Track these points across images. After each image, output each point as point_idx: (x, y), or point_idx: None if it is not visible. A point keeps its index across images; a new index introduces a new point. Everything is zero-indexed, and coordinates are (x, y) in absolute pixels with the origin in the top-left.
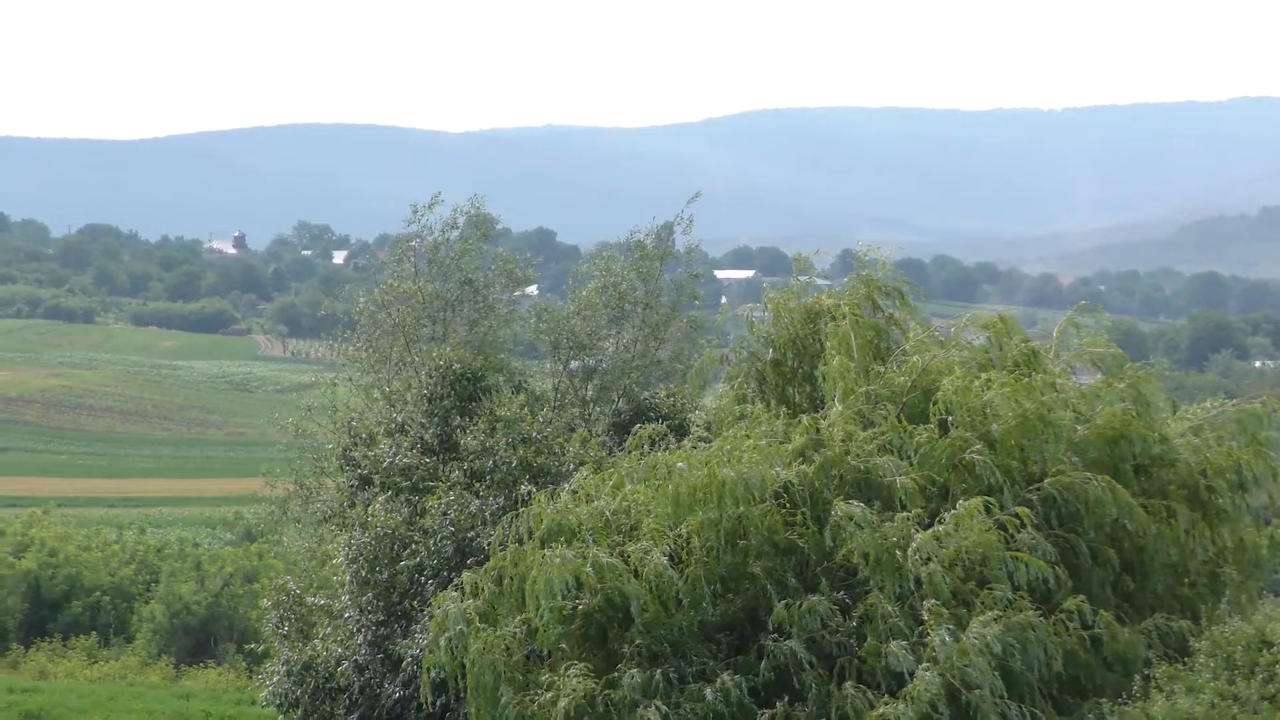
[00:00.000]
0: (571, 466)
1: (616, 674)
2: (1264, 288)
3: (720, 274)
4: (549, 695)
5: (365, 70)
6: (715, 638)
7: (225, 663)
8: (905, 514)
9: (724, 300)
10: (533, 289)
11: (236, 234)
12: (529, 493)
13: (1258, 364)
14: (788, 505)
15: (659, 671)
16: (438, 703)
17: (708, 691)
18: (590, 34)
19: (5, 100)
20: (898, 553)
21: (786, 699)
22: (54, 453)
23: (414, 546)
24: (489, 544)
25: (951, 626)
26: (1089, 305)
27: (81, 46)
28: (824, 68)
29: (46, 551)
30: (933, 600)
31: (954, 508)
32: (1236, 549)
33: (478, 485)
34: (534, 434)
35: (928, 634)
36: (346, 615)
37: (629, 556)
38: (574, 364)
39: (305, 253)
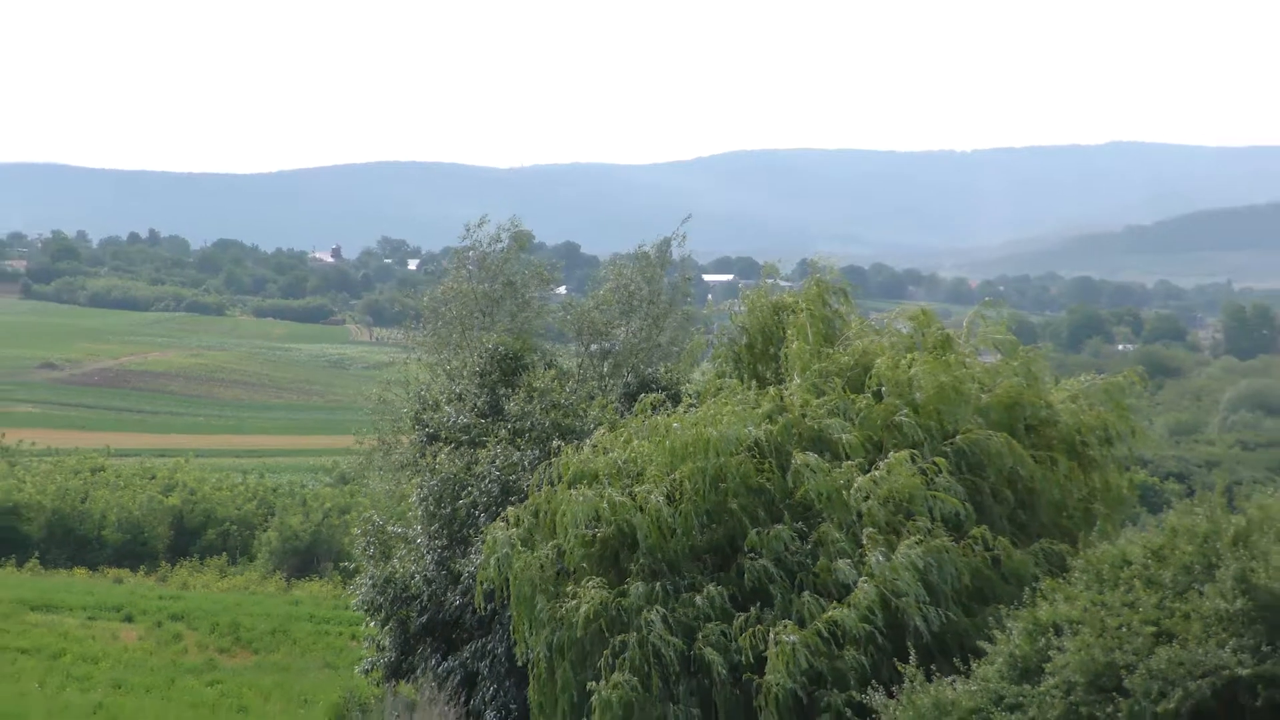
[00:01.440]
0: (591, 426)
1: (625, 586)
2: (1126, 289)
3: (707, 277)
4: (573, 602)
5: (433, 119)
6: (702, 558)
7: (325, 577)
8: (849, 462)
9: (709, 298)
10: (560, 289)
11: (334, 247)
12: (558, 446)
13: (1120, 347)
14: (758, 456)
15: (658, 584)
16: (488, 608)
17: (698, 599)
18: (607, 93)
19: (156, 141)
20: (843, 492)
21: (759, 604)
22: (192, 415)
23: (470, 488)
24: (528, 486)
25: (885, 549)
26: (991, 302)
27: (216, 99)
28: (789, 117)
29: (187, 491)
30: (870, 529)
31: (886, 458)
32: (1104, 489)
33: (519, 441)
34: (562, 401)
35: (866, 555)
36: (418, 541)
37: (636, 496)
38: (593, 347)
39: (386, 261)
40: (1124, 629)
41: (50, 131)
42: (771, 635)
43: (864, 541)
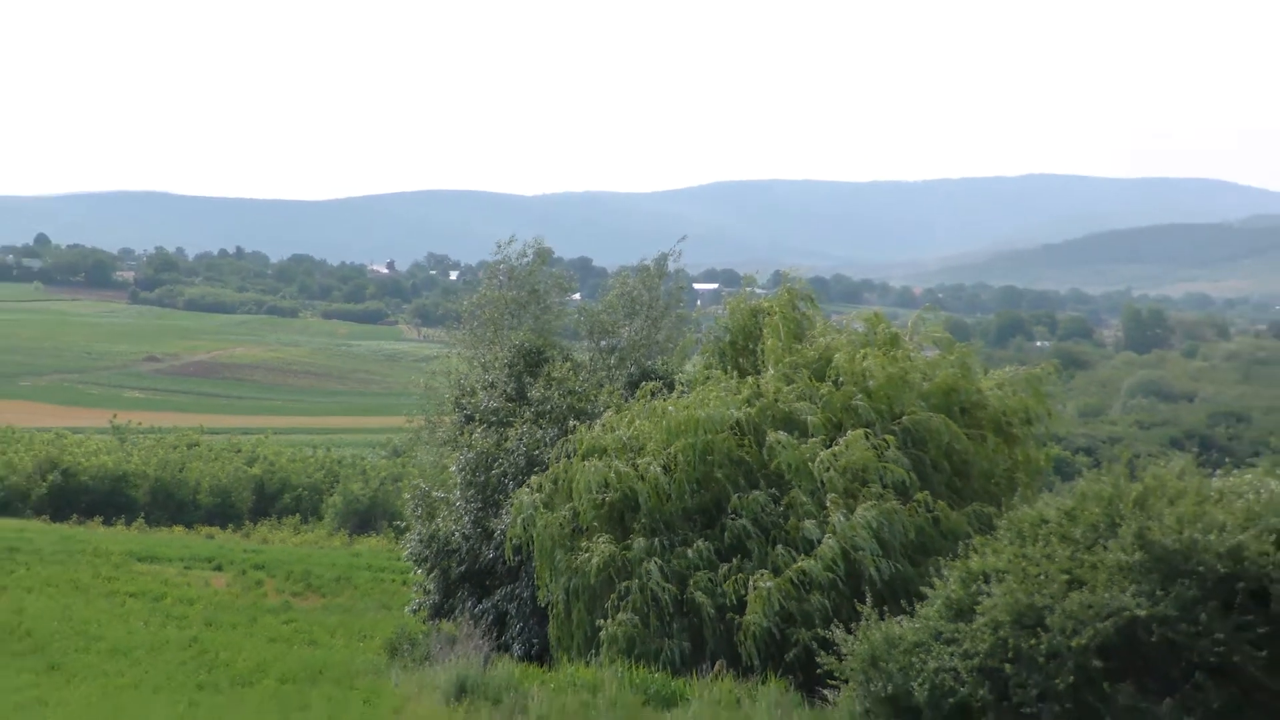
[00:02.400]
0: (601, 409)
1: (629, 541)
2: (1044, 296)
3: (696, 286)
4: (586, 555)
5: (471, 153)
6: (693, 518)
7: (380, 534)
8: (814, 439)
9: (698, 303)
10: (575, 296)
11: (388, 261)
12: (574, 426)
13: (1039, 344)
14: (739, 434)
15: (656, 540)
16: (516, 559)
17: (689, 552)
18: (615, 134)
19: (242, 172)
20: (809, 464)
21: (739, 556)
22: (270, 400)
23: (500, 460)
24: (548, 458)
25: (844, 511)
26: (931, 306)
27: (292, 136)
28: (764, 153)
29: (267, 463)
30: (832, 494)
31: (844, 435)
32: (1025, 462)
33: (540, 421)
34: (576, 388)
35: (829, 516)
36: (457, 504)
37: (638, 466)
38: (602, 343)
39: (432, 272)
40: (1042, 577)
41: (154, 163)
42: (750, 582)
43: (827, 505)
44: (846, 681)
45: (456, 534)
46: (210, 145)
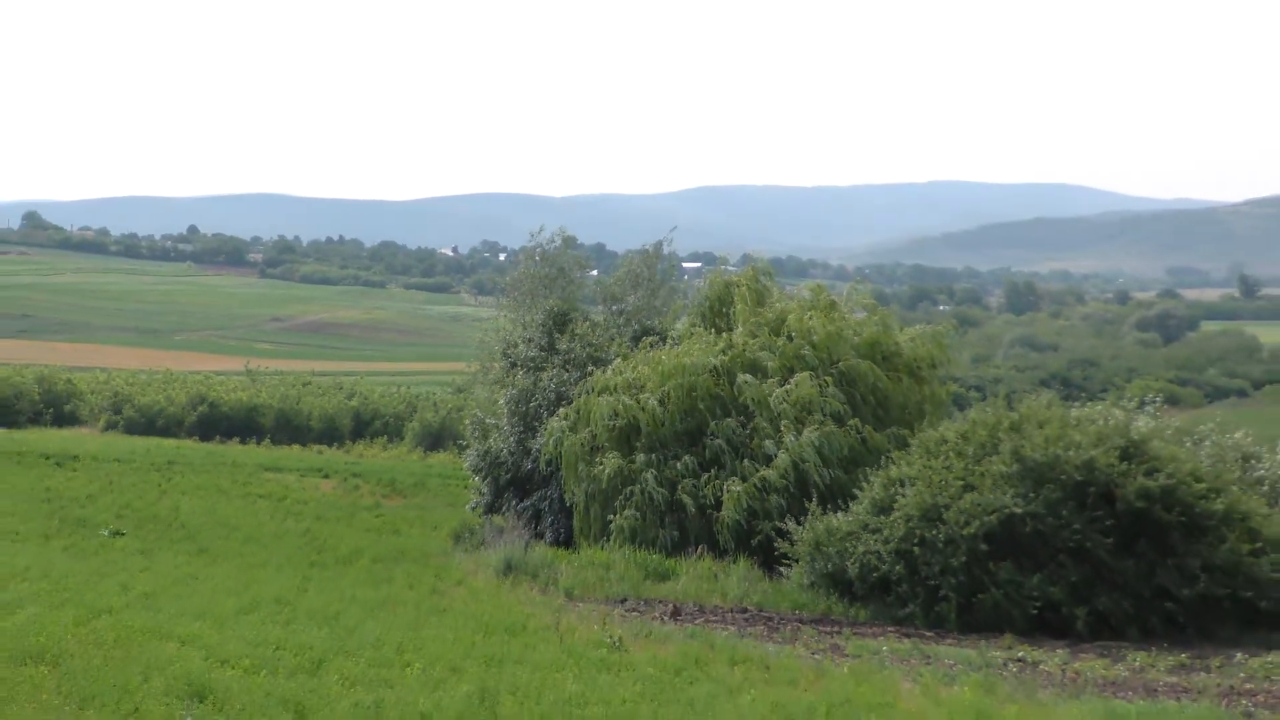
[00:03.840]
0: (612, 357)
1: (633, 457)
2: (944, 272)
3: (685, 265)
4: (600, 467)
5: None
6: (681, 439)
7: (447, 450)
8: (771, 380)
9: (685, 278)
10: (593, 272)
11: (453, 246)
12: (591, 370)
13: (941, 308)
14: (716, 376)
15: (653, 455)
16: (548, 470)
17: (678, 464)
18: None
19: (344, 176)
20: (768, 398)
21: (716, 468)
22: (364, 350)
23: (536, 396)
24: (573, 394)
25: (794, 433)
26: (860, 280)
27: (383, 147)
28: (735, 163)
29: (361, 397)
30: (785, 421)
31: (795, 377)
32: (930, 396)
33: (567, 366)
34: (593, 341)
35: (783, 437)
36: (504, 428)
37: (639, 400)
38: (613, 308)
39: (485, 255)
40: (943, 482)
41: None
42: (724, 487)
43: (781, 429)
44: (797, 561)
45: (504, 451)
46: (319, 157)
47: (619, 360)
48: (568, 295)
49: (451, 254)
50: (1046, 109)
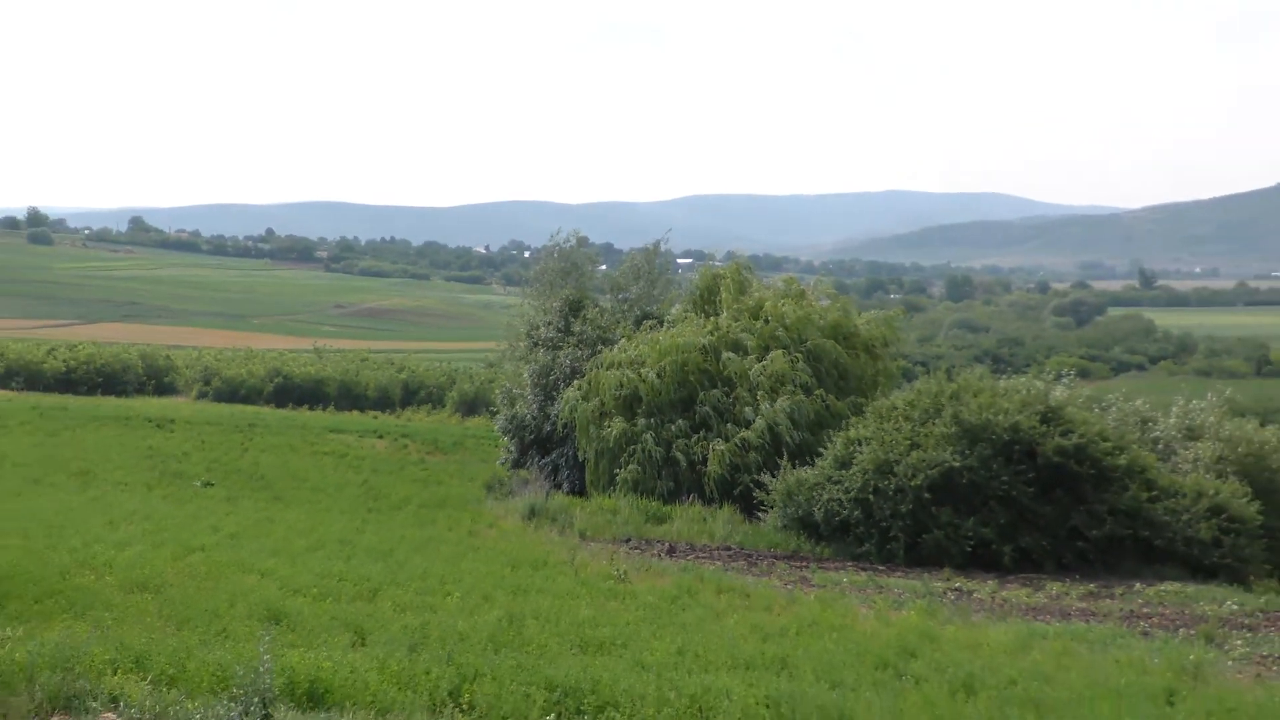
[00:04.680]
0: (618, 338)
1: (635, 421)
2: (895, 267)
3: (679, 260)
4: (608, 429)
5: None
6: (675, 406)
7: (481, 415)
8: (750, 356)
9: (679, 271)
10: (602, 267)
11: (486, 245)
12: (601, 349)
13: (892, 296)
14: (704, 353)
15: (652, 419)
16: (565, 431)
17: (672, 427)
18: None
19: (395, 184)
20: (748, 372)
21: (704, 430)
22: (412, 331)
23: (555, 370)
24: (586, 369)
25: (769, 401)
26: (825, 274)
27: (430, 159)
28: (720, 174)
29: (410, 371)
30: (761, 391)
31: (770, 354)
32: (883, 370)
33: (581, 345)
34: (602, 324)
35: (760, 404)
36: (528, 397)
37: (640, 373)
38: (619, 296)
39: (513, 252)
40: (893, 442)
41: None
42: (711, 446)
43: (758, 397)
44: (772, 507)
45: (528, 416)
46: (376, 170)
47: (624, 340)
48: (581, 286)
49: (484, 251)
50: (980, 129)
